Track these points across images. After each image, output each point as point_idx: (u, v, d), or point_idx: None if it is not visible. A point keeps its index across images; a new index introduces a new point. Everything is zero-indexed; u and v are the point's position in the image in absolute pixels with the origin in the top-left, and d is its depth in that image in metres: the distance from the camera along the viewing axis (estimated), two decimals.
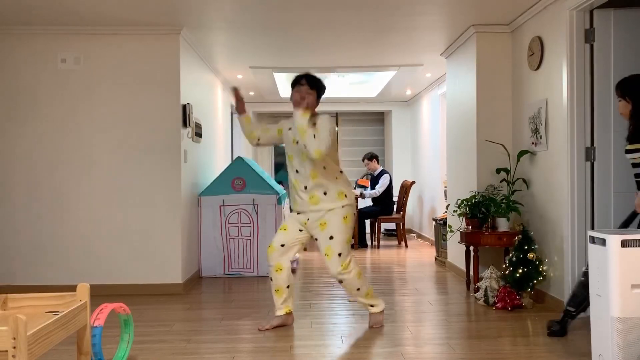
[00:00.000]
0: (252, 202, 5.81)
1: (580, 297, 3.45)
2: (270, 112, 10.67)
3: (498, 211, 4.68)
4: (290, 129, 3.79)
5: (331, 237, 3.64)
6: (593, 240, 2.84)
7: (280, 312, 3.81)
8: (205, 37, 5.39)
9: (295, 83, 3.76)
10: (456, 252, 5.71)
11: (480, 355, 3.23)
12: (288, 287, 3.79)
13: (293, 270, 6.05)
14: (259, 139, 3.91)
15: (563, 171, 4.11)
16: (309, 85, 3.71)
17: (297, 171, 3.70)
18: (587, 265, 3.44)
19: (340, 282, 3.72)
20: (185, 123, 5.16)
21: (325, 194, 3.65)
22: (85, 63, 5.01)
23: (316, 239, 3.72)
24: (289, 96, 3.93)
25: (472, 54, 5.24)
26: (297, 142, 3.66)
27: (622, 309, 2.68)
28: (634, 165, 3.28)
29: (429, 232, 8.41)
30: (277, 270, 3.75)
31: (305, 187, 3.67)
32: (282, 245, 3.73)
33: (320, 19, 4.89)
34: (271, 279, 3.79)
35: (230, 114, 8.49)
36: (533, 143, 4.62)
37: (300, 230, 3.74)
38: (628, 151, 3.29)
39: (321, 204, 3.65)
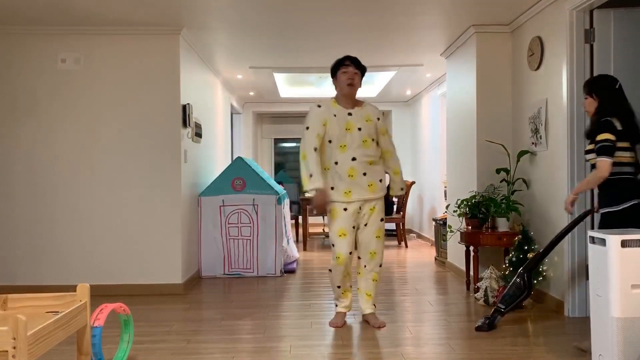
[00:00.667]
0: (252, 202, 5.81)
1: (513, 297, 3.73)
2: (270, 112, 10.68)
3: (498, 211, 4.68)
4: (335, 115, 3.70)
5: (382, 219, 3.82)
6: (593, 240, 2.84)
7: (343, 309, 3.95)
8: (205, 37, 5.39)
9: (339, 64, 3.72)
10: (456, 252, 5.71)
11: (480, 355, 3.23)
12: (351, 286, 3.96)
13: (292, 271, 6.06)
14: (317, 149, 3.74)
15: (563, 171, 4.10)
16: (354, 66, 3.69)
17: (353, 158, 3.66)
18: (524, 268, 3.77)
19: (380, 265, 3.88)
20: (185, 123, 5.16)
21: (380, 181, 3.76)
22: (85, 63, 5.01)
23: (365, 224, 3.78)
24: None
25: (472, 54, 5.24)
26: (360, 129, 3.66)
27: (622, 309, 2.68)
28: (593, 166, 3.20)
29: (429, 232, 8.40)
30: (345, 276, 3.84)
31: (365, 174, 3.68)
32: (350, 253, 3.79)
33: (321, 19, 4.89)
34: (338, 287, 3.88)
35: (231, 114, 8.49)
36: (533, 143, 4.62)
37: (353, 227, 3.77)
38: (587, 152, 3.28)
39: (377, 192, 3.75)
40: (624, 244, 2.69)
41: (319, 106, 3.73)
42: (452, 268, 5.89)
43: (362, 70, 3.76)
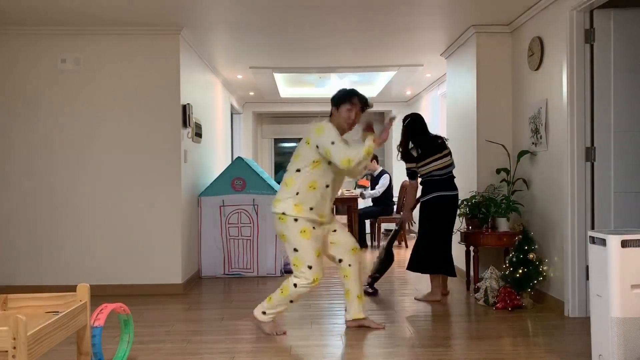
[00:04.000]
0: (252, 202, 5.80)
1: (382, 267, 4.94)
2: (270, 112, 10.68)
3: (498, 211, 4.68)
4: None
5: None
6: (593, 240, 2.85)
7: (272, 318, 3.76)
8: (205, 37, 5.39)
9: (346, 99, 3.62)
10: (456, 252, 5.69)
11: (480, 355, 3.23)
12: (348, 293, 3.87)
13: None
14: None
15: (563, 171, 4.10)
16: (361, 105, 3.64)
17: (331, 182, 3.64)
18: (387, 244, 4.99)
19: (359, 262, 3.84)
20: (185, 123, 5.16)
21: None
22: (85, 63, 5.01)
23: (334, 230, 3.77)
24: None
25: (472, 54, 5.24)
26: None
27: (622, 309, 2.68)
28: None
29: None
30: (345, 277, 3.80)
31: (332, 201, 3.73)
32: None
33: (321, 19, 4.89)
34: (292, 301, 3.71)
35: (231, 114, 8.49)
36: (533, 143, 4.62)
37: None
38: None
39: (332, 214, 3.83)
40: (624, 244, 2.69)
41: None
42: None
43: (366, 108, 3.70)
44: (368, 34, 5.41)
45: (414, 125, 4.71)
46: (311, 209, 3.56)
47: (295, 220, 3.52)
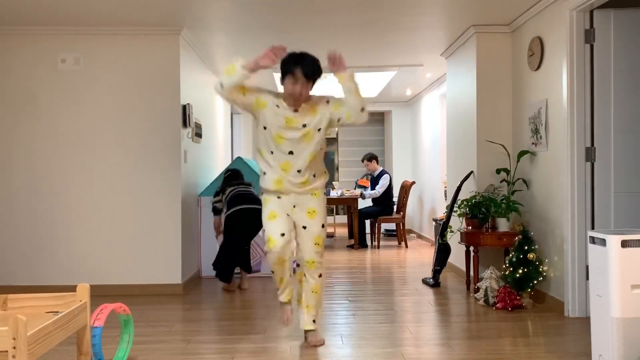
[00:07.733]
0: None
1: (442, 259, 5.26)
2: None
3: (498, 211, 4.68)
4: (278, 106, 3.31)
5: (323, 226, 3.42)
6: (593, 240, 2.85)
7: (282, 299, 3.56)
8: (205, 37, 5.39)
9: (288, 70, 3.31)
10: (456, 252, 5.70)
11: (480, 355, 3.23)
12: (290, 275, 3.51)
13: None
14: (234, 98, 3.37)
15: (563, 171, 4.11)
16: (305, 78, 3.27)
17: (290, 152, 3.28)
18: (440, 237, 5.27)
19: (320, 276, 3.45)
20: (185, 123, 5.16)
21: (314, 176, 3.38)
22: (85, 63, 5.01)
23: (304, 227, 3.38)
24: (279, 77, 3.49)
25: (472, 54, 5.24)
26: (305, 125, 3.27)
27: (622, 309, 2.68)
28: None
29: (429, 232, 8.40)
30: (280, 264, 3.38)
31: (299, 171, 3.31)
32: (283, 235, 3.31)
33: (320, 19, 4.89)
34: (272, 272, 3.45)
35: (231, 114, 8.48)
36: (533, 143, 4.62)
37: (288, 215, 3.37)
38: None
39: (311, 184, 3.36)
40: (624, 244, 2.69)
41: (269, 92, 3.42)
42: (452, 268, 5.89)
43: (315, 78, 3.33)
44: (368, 34, 5.41)
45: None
46: (264, 173, 3.38)
47: (262, 193, 3.46)
